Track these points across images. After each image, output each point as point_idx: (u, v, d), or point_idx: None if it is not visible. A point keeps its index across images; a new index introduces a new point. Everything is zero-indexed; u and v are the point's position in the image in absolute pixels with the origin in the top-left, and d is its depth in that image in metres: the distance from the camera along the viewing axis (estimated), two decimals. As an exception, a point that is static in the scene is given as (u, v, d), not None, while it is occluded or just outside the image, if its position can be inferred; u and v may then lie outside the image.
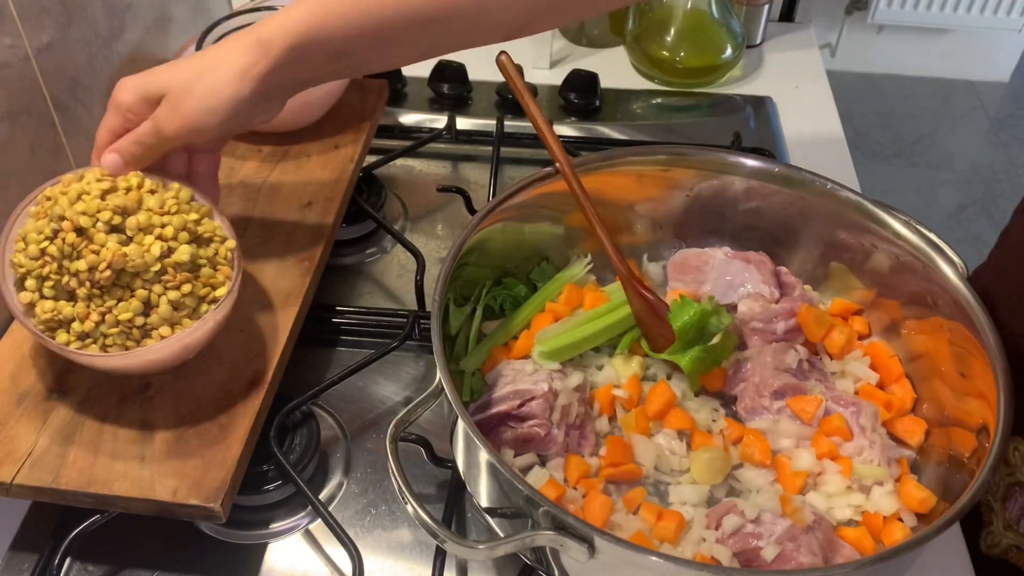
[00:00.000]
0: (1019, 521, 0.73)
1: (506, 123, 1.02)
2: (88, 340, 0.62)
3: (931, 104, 2.83)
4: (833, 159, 1.05)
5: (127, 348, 0.62)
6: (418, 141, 1.01)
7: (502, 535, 0.62)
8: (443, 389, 0.60)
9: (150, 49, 0.96)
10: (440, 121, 1.04)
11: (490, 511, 0.63)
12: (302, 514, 0.71)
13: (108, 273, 0.60)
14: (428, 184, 1.01)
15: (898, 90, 2.84)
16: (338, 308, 0.85)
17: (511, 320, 0.76)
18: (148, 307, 0.62)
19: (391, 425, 0.60)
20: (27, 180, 0.76)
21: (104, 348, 0.62)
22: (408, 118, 1.07)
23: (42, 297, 0.62)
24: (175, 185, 0.66)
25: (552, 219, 0.78)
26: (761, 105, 1.13)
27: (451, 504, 0.71)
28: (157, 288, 0.62)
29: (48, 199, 0.63)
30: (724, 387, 0.74)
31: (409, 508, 0.57)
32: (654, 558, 0.54)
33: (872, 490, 0.66)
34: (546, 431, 0.67)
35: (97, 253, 0.61)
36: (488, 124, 1.04)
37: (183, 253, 0.62)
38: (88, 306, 0.61)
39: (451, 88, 1.09)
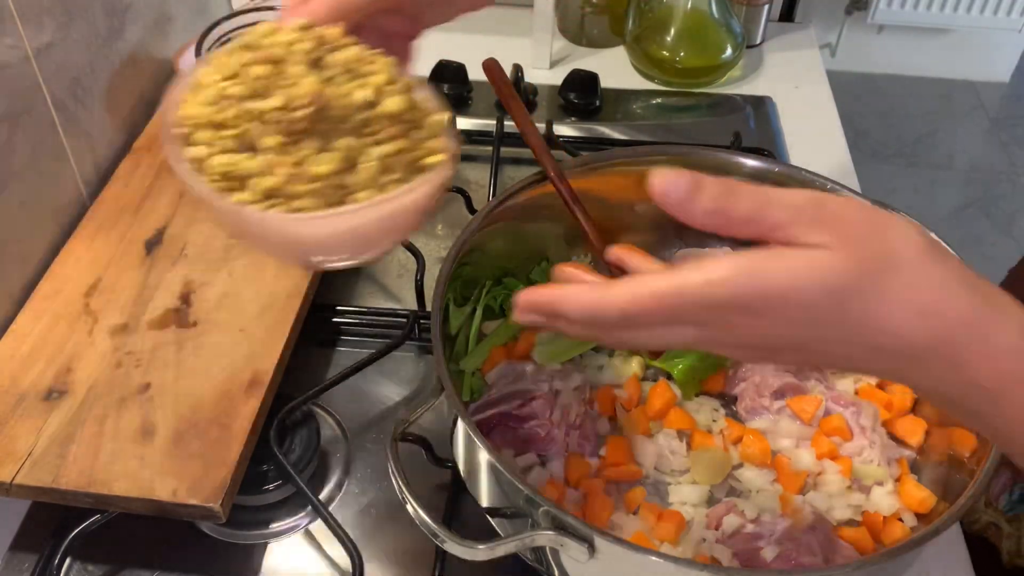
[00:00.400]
0: (999, 498, 0.73)
1: (506, 123, 1.02)
2: (275, 200, 0.48)
3: (931, 104, 2.83)
4: (833, 159, 1.05)
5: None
6: (418, 141, 1.01)
7: (502, 535, 0.62)
8: (443, 389, 0.60)
9: (150, 49, 0.96)
10: (440, 121, 1.04)
11: (490, 511, 0.63)
12: (302, 514, 0.71)
13: (306, 112, 0.47)
14: (428, 184, 1.00)
15: (898, 90, 2.85)
16: (338, 308, 0.85)
17: (511, 320, 0.76)
18: (350, 165, 0.49)
19: (391, 425, 0.60)
20: (27, 180, 0.76)
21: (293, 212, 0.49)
22: (408, 118, 1.07)
23: (218, 152, 0.49)
24: (378, 55, 0.53)
25: (552, 219, 0.78)
26: (761, 105, 1.13)
27: (451, 504, 0.71)
28: (362, 143, 0.50)
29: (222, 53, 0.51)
30: (724, 387, 0.74)
31: (409, 508, 0.57)
32: (654, 558, 0.54)
33: (872, 490, 0.66)
34: (546, 431, 0.67)
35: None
36: (488, 124, 1.04)
37: (395, 102, 0.50)
38: (275, 158, 0.48)
39: (451, 88, 1.09)
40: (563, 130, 1.05)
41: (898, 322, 0.41)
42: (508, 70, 0.88)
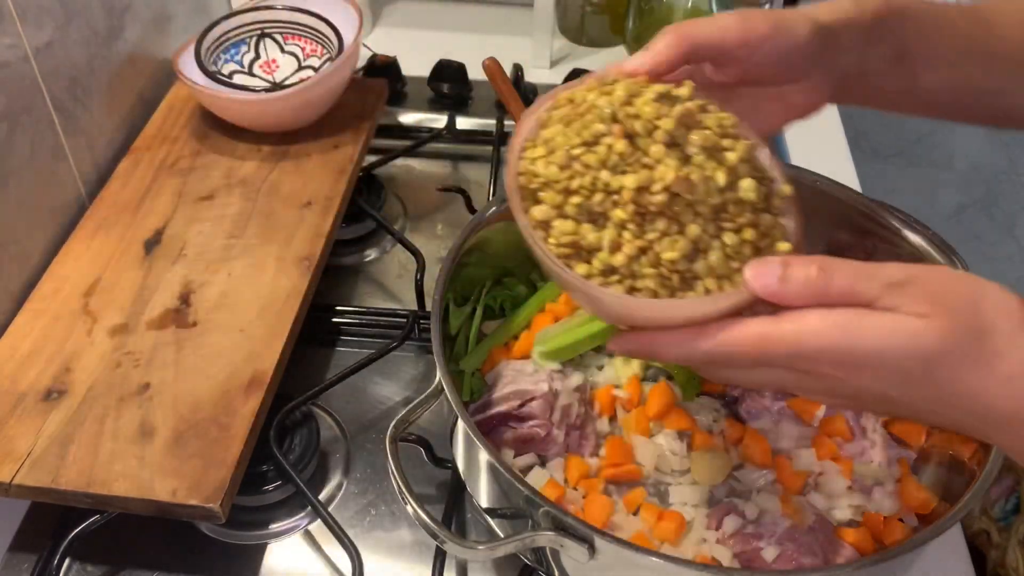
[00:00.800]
0: (994, 505, 0.73)
1: (506, 123, 1.02)
2: (614, 277, 0.49)
3: (931, 104, 2.82)
4: (833, 159, 1.05)
5: (656, 295, 0.48)
6: (418, 141, 1.01)
7: (502, 535, 0.62)
8: (443, 389, 0.60)
9: (149, 49, 0.96)
10: (440, 121, 1.04)
11: (490, 511, 0.63)
12: (302, 514, 0.71)
13: (662, 197, 0.47)
14: (428, 184, 1.01)
15: (898, 90, 2.84)
16: (338, 308, 0.85)
17: (511, 320, 0.76)
18: (696, 250, 0.48)
19: (391, 425, 0.60)
20: (26, 180, 0.76)
21: (631, 291, 0.48)
22: (408, 118, 1.07)
23: (561, 216, 0.49)
24: (713, 106, 0.52)
25: (552, 219, 0.78)
26: (761, 105, 1.13)
27: (451, 504, 0.71)
28: (712, 228, 0.48)
29: (572, 102, 0.52)
30: (725, 388, 0.74)
31: (409, 508, 0.57)
32: (654, 559, 0.54)
33: (873, 491, 0.66)
34: (546, 431, 0.67)
35: (651, 169, 0.48)
36: (488, 124, 1.04)
37: (750, 189, 0.49)
38: (621, 235, 0.48)
39: (451, 88, 1.09)
40: (563, 130, 1.05)
41: (985, 389, 0.43)
42: (508, 70, 0.88)
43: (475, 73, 1.10)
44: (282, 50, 0.96)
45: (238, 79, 0.91)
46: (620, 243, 0.48)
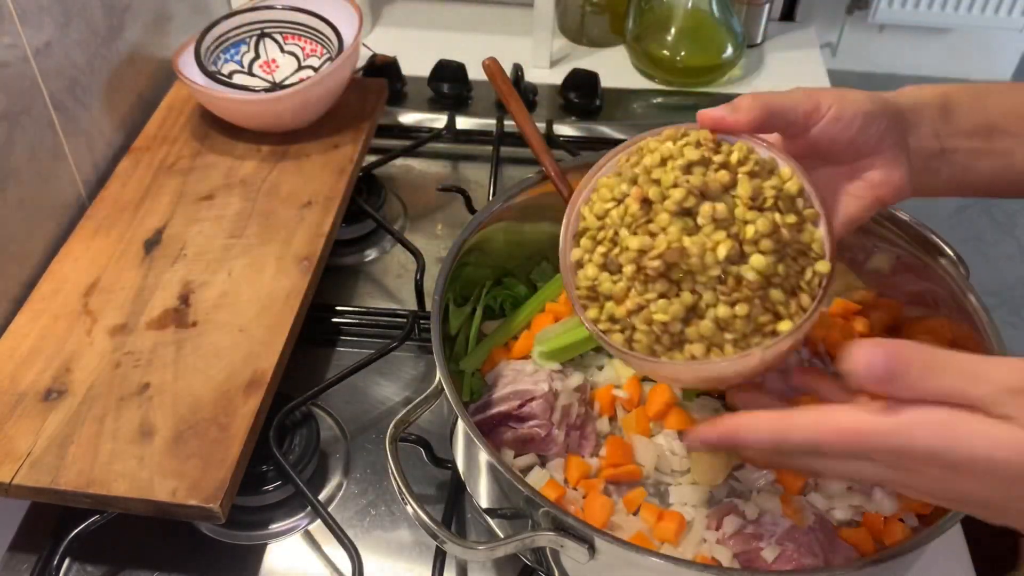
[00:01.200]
0: None
1: (506, 123, 1.02)
2: (616, 326, 0.54)
3: (932, 104, 2.82)
4: (834, 159, 1.05)
5: (653, 352, 0.53)
6: (418, 141, 1.01)
7: (502, 536, 0.62)
8: (443, 389, 0.60)
9: (149, 49, 0.96)
10: (440, 121, 1.04)
11: (490, 512, 0.63)
12: (302, 515, 0.71)
13: (657, 264, 0.50)
14: (428, 184, 1.01)
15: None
16: (338, 308, 0.84)
17: (511, 320, 0.76)
18: (691, 314, 0.51)
19: (391, 425, 0.60)
20: (26, 180, 0.76)
21: (629, 343, 0.53)
22: (408, 118, 1.07)
23: (590, 260, 0.55)
24: (786, 171, 0.54)
25: (552, 219, 0.78)
26: (762, 105, 1.13)
27: (451, 504, 0.71)
28: (709, 296, 0.51)
29: (640, 151, 0.56)
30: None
31: (409, 509, 0.57)
32: (654, 559, 0.54)
33: (873, 491, 0.66)
34: (546, 431, 0.67)
35: (654, 236, 0.51)
36: (488, 124, 1.04)
37: (754, 267, 0.50)
38: (628, 290, 0.52)
39: (451, 88, 1.09)
40: (563, 130, 1.05)
41: None
42: (508, 70, 0.88)
43: (475, 73, 1.10)
44: (282, 50, 0.96)
45: (238, 79, 0.91)
46: (624, 297, 0.52)
